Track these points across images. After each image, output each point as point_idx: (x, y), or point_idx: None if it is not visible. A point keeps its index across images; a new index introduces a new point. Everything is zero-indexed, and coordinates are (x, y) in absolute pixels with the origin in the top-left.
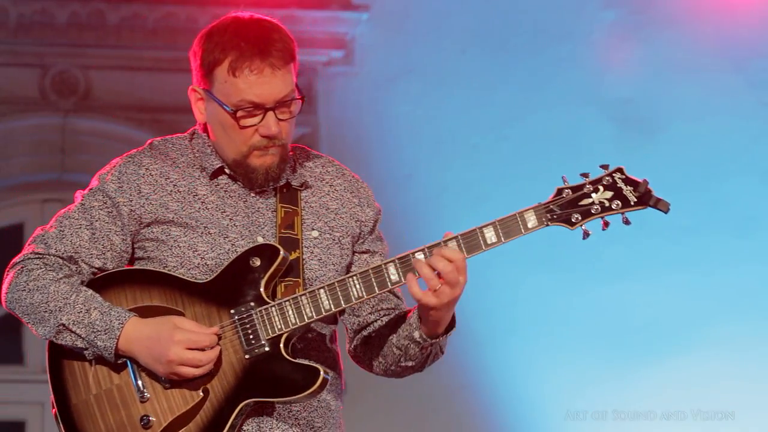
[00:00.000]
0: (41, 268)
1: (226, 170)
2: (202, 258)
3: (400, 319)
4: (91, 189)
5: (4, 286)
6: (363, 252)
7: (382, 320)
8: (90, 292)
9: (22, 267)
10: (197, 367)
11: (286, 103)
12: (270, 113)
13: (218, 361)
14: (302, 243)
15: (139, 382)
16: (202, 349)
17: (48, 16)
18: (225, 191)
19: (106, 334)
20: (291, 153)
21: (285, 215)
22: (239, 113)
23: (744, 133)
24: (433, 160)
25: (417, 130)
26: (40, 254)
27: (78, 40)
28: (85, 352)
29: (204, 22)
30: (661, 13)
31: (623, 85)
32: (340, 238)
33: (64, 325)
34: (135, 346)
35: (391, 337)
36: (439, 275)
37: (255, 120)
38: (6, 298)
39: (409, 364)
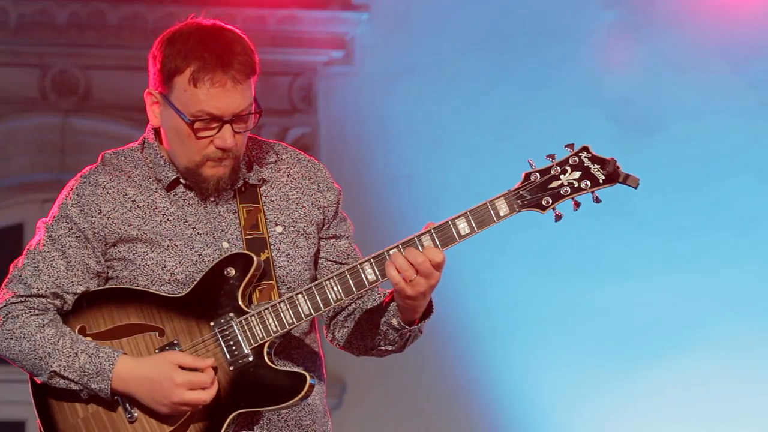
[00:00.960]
0: (26, 314)
1: (182, 180)
2: (171, 274)
3: (378, 305)
4: (54, 218)
5: None
6: (329, 237)
7: (356, 303)
8: (74, 334)
9: (7, 314)
10: (199, 405)
11: (243, 116)
12: (227, 126)
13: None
14: (269, 241)
15: (127, 404)
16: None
17: (48, 16)
18: (184, 200)
19: (98, 376)
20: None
21: (248, 215)
22: (196, 124)
23: (744, 133)
24: (433, 160)
25: (417, 130)
26: (23, 297)
27: (78, 40)
28: (80, 393)
29: None
30: (661, 13)
31: (623, 85)
32: (305, 228)
33: (55, 371)
34: (132, 387)
35: (369, 322)
36: (413, 266)
37: (211, 132)
38: None
39: (389, 348)
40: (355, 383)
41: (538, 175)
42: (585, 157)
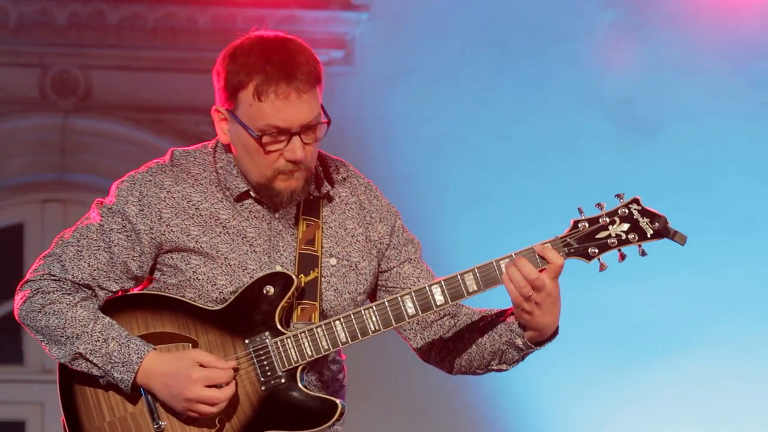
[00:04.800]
0: (57, 292)
1: (252, 193)
2: (220, 292)
3: (487, 320)
4: (111, 208)
5: (18, 301)
6: (391, 269)
7: (450, 320)
8: (107, 319)
9: (38, 288)
10: (214, 405)
11: (311, 127)
12: (295, 138)
13: (235, 393)
14: (321, 261)
15: (156, 413)
16: (220, 386)
17: (48, 16)
18: (249, 212)
19: (123, 366)
20: None
21: (307, 228)
22: (264, 138)
23: (744, 133)
24: (433, 160)
25: (417, 130)
26: (57, 278)
27: (78, 40)
28: (100, 379)
29: (204, 22)
30: (661, 13)
31: (623, 85)
32: (357, 264)
33: (80, 353)
34: (152, 380)
35: (480, 340)
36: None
37: (280, 145)
38: (20, 313)
39: (503, 367)
40: (355, 383)
41: (586, 224)
42: (635, 209)
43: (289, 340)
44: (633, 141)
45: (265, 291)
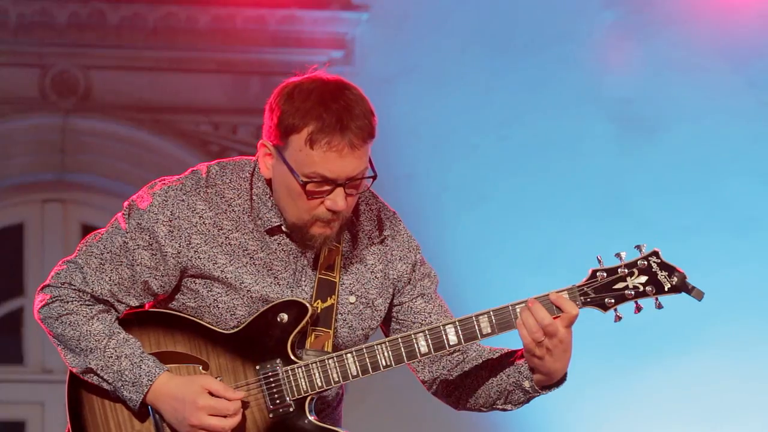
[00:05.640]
0: (76, 302)
1: (284, 227)
2: (238, 321)
3: (495, 359)
4: (139, 223)
5: (37, 303)
6: (403, 303)
7: (459, 356)
8: (123, 335)
9: (57, 295)
10: None
11: (357, 180)
12: (339, 189)
13: (242, 418)
14: (338, 290)
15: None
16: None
17: (48, 16)
18: (278, 245)
19: (133, 386)
20: None
21: (328, 253)
22: (309, 185)
23: (744, 133)
24: (433, 160)
25: (417, 130)
26: (76, 288)
27: (78, 40)
28: (111, 393)
29: (204, 22)
30: (661, 13)
31: (623, 85)
32: (374, 301)
33: (91, 368)
34: (161, 402)
35: (488, 380)
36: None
37: (323, 193)
38: (39, 315)
39: (508, 407)
40: (355, 384)
41: (605, 274)
42: (654, 262)
43: (300, 369)
44: (633, 141)
45: (279, 318)
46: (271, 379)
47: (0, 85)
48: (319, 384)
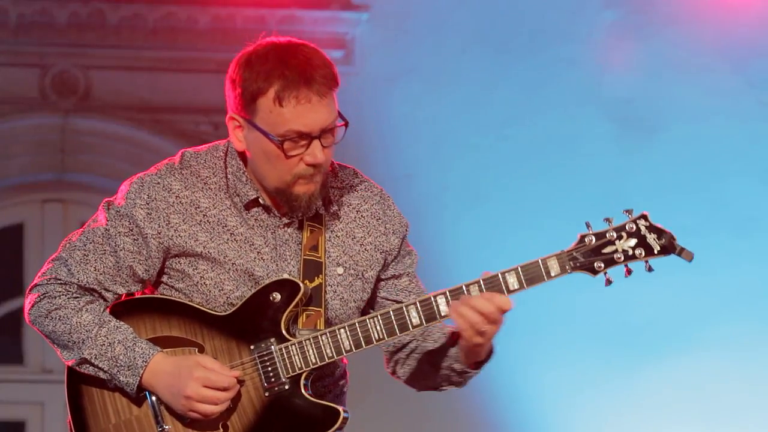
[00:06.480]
0: (64, 296)
1: (261, 201)
2: (227, 297)
3: (440, 349)
4: (118, 211)
5: (27, 305)
6: (389, 278)
7: (417, 341)
8: (114, 323)
9: (45, 293)
10: (214, 404)
11: (330, 130)
12: (316, 142)
13: (238, 398)
14: (325, 268)
15: (160, 416)
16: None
17: (48, 16)
18: (255, 220)
19: (129, 370)
20: None
21: (311, 234)
22: (286, 144)
23: (744, 133)
24: (433, 160)
25: (417, 130)
26: (63, 281)
27: (78, 40)
28: (108, 382)
29: (204, 22)
30: (661, 13)
31: (623, 85)
32: (363, 272)
33: (85, 358)
34: (156, 381)
35: (431, 364)
36: (481, 314)
37: (300, 149)
38: (29, 317)
39: (452, 387)
40: (354, 384)
41: (593, 238)
42: (643, 225)
43: (293, 346)
44: (633, 141)
45: (271, 298)
46: (266, 358)
47: (0, 85)
48: (313, 360)
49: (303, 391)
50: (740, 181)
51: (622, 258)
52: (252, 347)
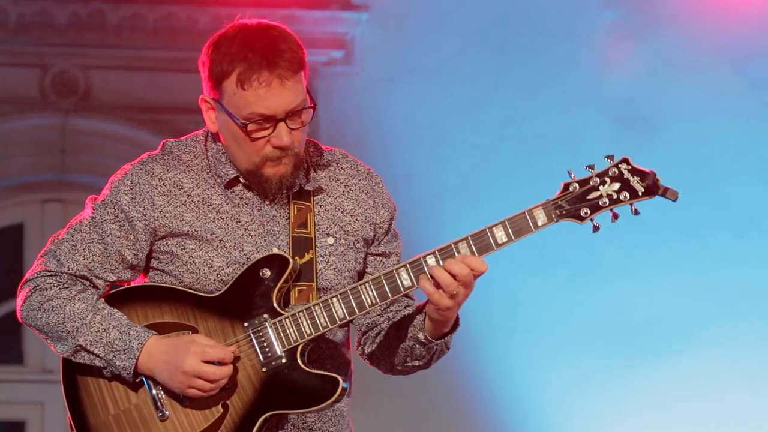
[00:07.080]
0: (55, 287)
1: (241, 179)
2: (217, 274)
3: (407, 319)
4: (103, 200)
5: (19, 302)
6: (378, 254)
7: (390, 321)
8: (107, 309)
9: (35, 286)
10: (212, 381)
11: (297, 112)
12: (281, 124)
13: (236, 376)
14: (315, 243)
15: (159, 402)
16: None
17: (48, 16)
18: (240, 199)
19: (125, 354)
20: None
21: (298, 212)
22: (250, 126)
23: (744, 133)
24: (433, 160)
25: (417, 130)
26: (53, 272)
27: (78, 40)
28: (103, 370)
29: (204, 22)
30: (661, 13)
31: (623, 85)
32: (355, 242)
33: (81, 345)
34: (153, 363)
35: (396, 338)
36: (455, 277)
37: (266, 132)
38: (21, 314)
39: (416, 363)
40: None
41: (577, 185)
42: (625, 168)
43: (287, 320)
44: (633, 141)
45: (261, 273)
46: (260, 333)
47: (0, 85)
48: (308, 331)
49: (300, 363)
50: (740, 181)
51: (608, 203)
52: (246, 324)
